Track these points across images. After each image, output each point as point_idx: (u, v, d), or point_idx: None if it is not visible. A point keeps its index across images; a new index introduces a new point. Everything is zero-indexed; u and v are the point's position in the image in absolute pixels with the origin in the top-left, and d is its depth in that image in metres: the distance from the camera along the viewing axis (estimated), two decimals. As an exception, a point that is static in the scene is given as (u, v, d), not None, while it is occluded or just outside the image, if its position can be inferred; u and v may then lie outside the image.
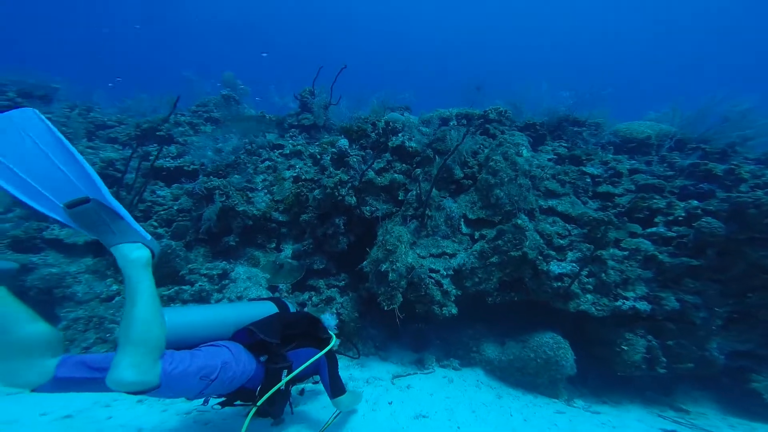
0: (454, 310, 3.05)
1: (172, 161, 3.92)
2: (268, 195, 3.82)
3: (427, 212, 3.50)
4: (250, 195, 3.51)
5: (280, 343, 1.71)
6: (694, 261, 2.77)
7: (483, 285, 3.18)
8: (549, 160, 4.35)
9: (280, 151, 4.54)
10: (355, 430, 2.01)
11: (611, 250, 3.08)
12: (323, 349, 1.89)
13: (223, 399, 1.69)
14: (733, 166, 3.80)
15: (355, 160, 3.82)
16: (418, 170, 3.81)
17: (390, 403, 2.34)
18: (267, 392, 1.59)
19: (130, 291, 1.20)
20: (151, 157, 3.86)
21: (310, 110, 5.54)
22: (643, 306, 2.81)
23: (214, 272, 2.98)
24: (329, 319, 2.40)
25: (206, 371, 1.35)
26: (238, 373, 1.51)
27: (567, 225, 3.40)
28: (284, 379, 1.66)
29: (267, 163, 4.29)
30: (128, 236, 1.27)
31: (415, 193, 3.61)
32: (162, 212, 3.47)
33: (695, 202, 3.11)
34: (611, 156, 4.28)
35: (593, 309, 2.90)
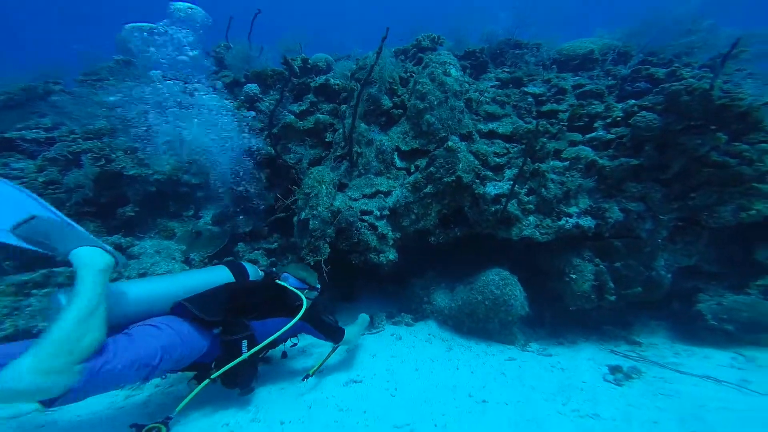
0: (392, 256, 2.76)
1: (43, 133, 3.24)
2: (175, 157, 3.29)
3: (355, 149, 3.11)
4: (142, 157, 2.97)
5: (224, 319, 1.58)
6: (634, 160, 2.58)
7: (422, 222, 2.90)
8: (492, 87, 4.02)
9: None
10: (264, 409, 1.70)
11: (551, 163, 2.85)
12: (294, 317, 1.73)
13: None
14: (674, 68, 3.61)
15: (268, 105, 3.32)
16: (344, 106, 3.37)
17: (320, 372, 2.01)
18: (223, 366, 1.52)
19: (74, 291, 1.16)
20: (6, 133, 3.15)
21: (228, 66, 4.84)
22: (587, 222, 2.61)
23: (100, 245, 2.50)
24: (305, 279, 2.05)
25: (145, 360, 1.27)
26: (186, 352, 1.43)
27: (507, 144, 3.13)
28: (245, 353, 1.57)
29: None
30: (84, 241, 1.27)
31: (342, 131, 3.20)
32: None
33: (632, 101, 2.89)
34: (554, 74, 3.99)
35: (537, 233, 2.68)
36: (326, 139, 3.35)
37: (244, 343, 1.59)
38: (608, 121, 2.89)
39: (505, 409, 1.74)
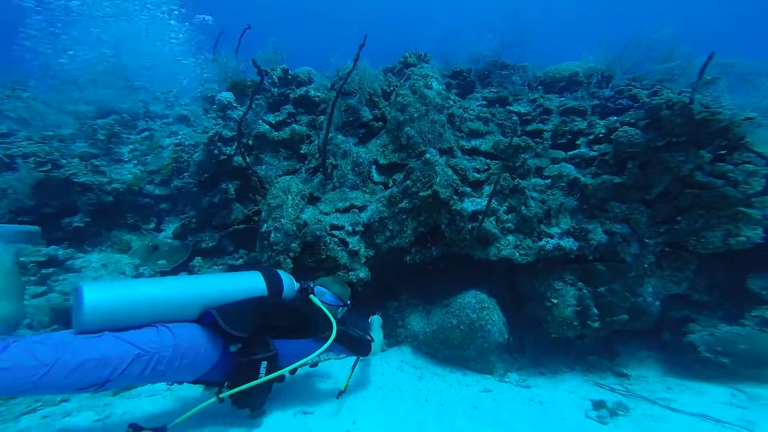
0: (363, 274, 2.54)
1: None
2: (140, 167, 3.11)
3: (330, 161, 2.97)
4: (97, 164, 2.77)
5: (251, 335, 1.46)
6: (617, 178, 2.47)
7: (397, 239, 2.72)
8: (478, 106, 3.98)
9: (164, 120, 3.80)
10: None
11: (533, 180, 2.73)
12: (321, 344, 1.61)
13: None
14: (656, 89, 3.61)
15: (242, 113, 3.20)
16: (322, 117, 3.27)
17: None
18: (237, 386, 1.42)
19: None
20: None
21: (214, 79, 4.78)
22: (569, 243, 2.45)
23: (32, 259, 2.23)
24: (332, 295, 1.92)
25: (104, 362, 1.17)
26: (185, 363, 1.32)
27: (488, 161, 3.02)
28: (264, 377, 1.45)
29: (145, 134, 3.54)
30: None
31: (317, 142, 3.07)
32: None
33: (615, 118, 2.83)
34: (539, 94, 3.98)
35: (516, 254, 2.51)
36: (301, 151, 3.21)
37: (264, 364, 1.47)
38: (591, 138, 2.81)
39: None
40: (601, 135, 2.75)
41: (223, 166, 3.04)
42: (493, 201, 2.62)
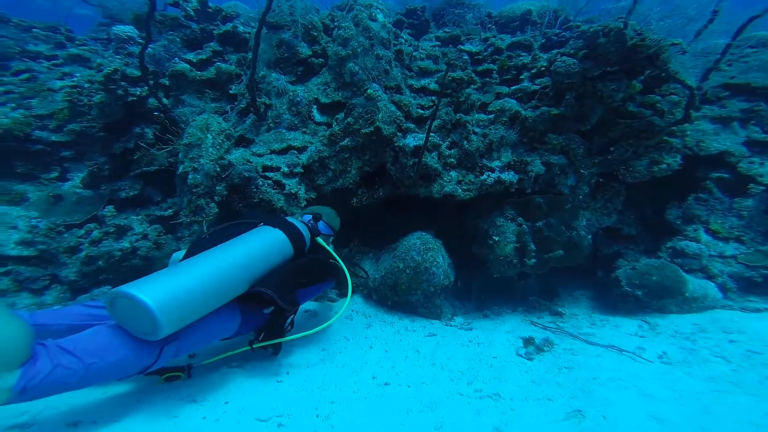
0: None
1: None
2: (21, 110, 2.59)
3: (263, 100, 2.67)
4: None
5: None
6: (555, 110, 2.47)
7: (341, 180, 2.58)
8: (432, 47, 3.74)
9: (53, 62, 3.15)
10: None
11: (476, 116, 2.66)
12: (327, 284, 1.90)
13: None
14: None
15: (151, 50, 2.71)
16: (251, 54, 2.87)
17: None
18: (268, 339, 1.54)
19: None
20: None
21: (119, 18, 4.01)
22: (509, 176, 2.45)
23: None
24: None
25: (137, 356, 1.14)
26: (195, 343, 1.32)
27: (435, 98, 2.89)
28: (295, 335, 1.58)
29: (24, 75, 2.92)
30: None
31: (246, 81, 2.72)
32: None
33: (556, 50, 2.77)
34: (491, 34, 3.81)
35: (459, 190, 2.48)
36: (231, 92, 2.84)
37: (290, 318, 1.62)
38: (533, 71, 2.76)
39: (404, 392, 1.52)
40: (543, 68, 2.70)
41: (135, 108, 2.62)
42: (435, 136, 2.54)
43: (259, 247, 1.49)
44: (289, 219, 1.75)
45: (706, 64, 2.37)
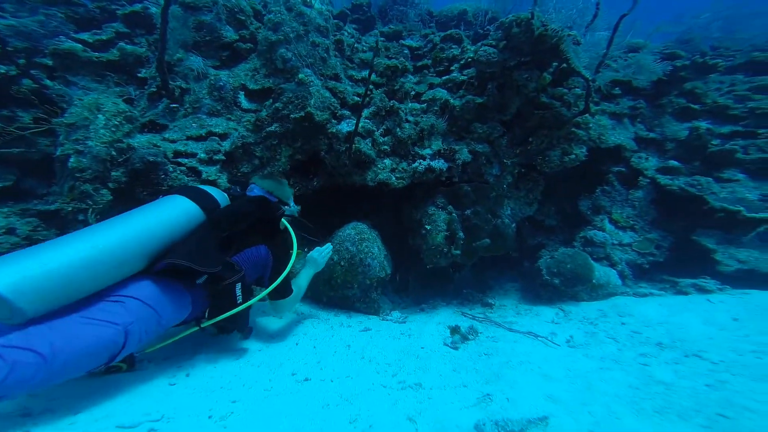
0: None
1: None
2: None
3: (180, 83, 2.41)
4: None
5: (221, 266, 1.38)
6: (479, 98, 2.60)
7: (269, 168, 2.42)
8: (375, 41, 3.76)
9: None
10: None
11: (409, 105, 2.70)
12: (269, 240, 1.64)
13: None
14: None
15: (18, 24, 2.31)
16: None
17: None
18: (219, 315, 1.41)
19: None
20: None
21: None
22: (439, 164, 2.51)
23: None
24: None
25: (89, 356, 1.05)
26: (166, 317, 1.26)
27: (372, 87, 2.88)
28: (246, 302, 1.46)
29: None
30: None
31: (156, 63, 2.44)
32: None
33: (482, 42, 2.94)
34: (431, 31, 3.97)
35: (393, 178, 2.47)
36: (140, 75, 2.53)
37: (238, 286, 1.44)
38: (462, 62, 2.89)
39: (325, 387, 1.42)
40: (470, 59, 2.85)
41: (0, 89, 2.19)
42: (369, 123, 2.52)
43: (153, 216, 1.32)
44: (204, 187, 1.58)
45: (596, 58, 2.69)
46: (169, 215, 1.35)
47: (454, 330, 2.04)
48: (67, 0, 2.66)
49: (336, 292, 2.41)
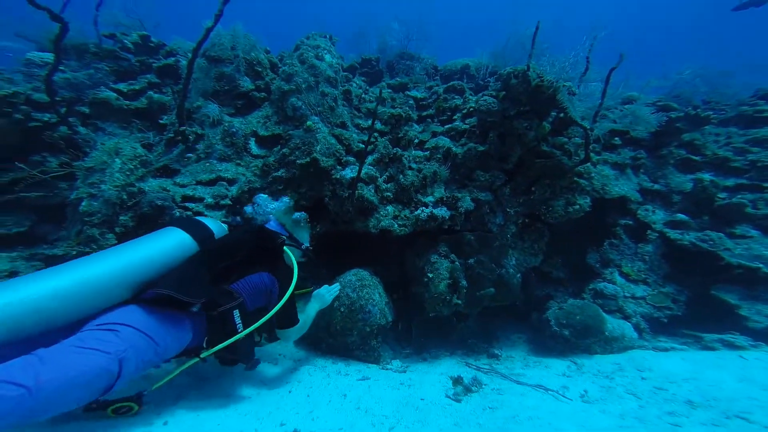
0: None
1: None
2: None
3: (195, 129, 2.56)
4: None
5: (212, 295, 1.38)
6: (481, 146, 2.67)
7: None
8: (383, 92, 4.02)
9: None
10: None
11: (413, 152, 2.79)
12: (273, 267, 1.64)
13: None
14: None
15: (72, 77, 2.54)
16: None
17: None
18: (218, 344, 1.37)
19: None
20: None
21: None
22: (441, 212, 2.50)
23: None
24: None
25: (81, 388, 1.00)
26: (163, 347, 1.24)
27: (377, 135, 3.00)
28: (243, 331, 1.41)
29: None
30: None
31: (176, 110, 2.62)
32: None
33: (483, 93, 3.10)
34: (435, 83, 4.24)
35: (395, 225, 2.46)
36: (162, 122, 2.71)
37: (236, 313, 1.41)
38: (464, 112, 3.03)
39: None
40: (472, 109, 2.98)
41: (37, 135, 2.35)
42: (373, 169, 2.59)
43: (141, 247, 1.34)
44: (201, 218, 1.62)
45: (591, 108, 2.78)
46: (159, 246, 1.37)
47: (457, 381, 1.92)
48: (115, 55, 2.95)
49: (335, 339, 2.30)
